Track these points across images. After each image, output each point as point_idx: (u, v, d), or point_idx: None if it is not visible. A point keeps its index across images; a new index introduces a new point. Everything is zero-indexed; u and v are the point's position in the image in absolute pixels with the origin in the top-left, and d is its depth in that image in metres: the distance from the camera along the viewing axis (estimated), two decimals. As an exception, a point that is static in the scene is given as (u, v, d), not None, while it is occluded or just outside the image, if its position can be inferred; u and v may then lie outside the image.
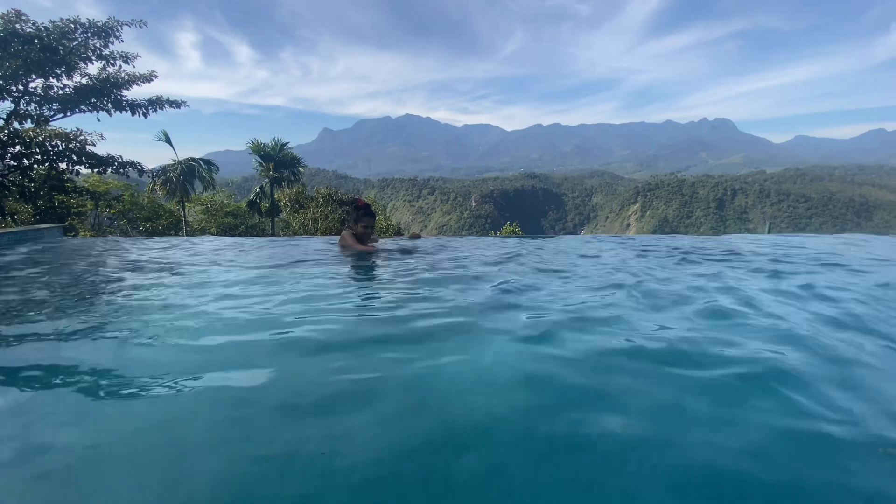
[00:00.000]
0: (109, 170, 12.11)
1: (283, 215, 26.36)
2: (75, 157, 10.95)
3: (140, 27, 12.07)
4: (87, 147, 11.13)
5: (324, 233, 23.25)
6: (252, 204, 24.70)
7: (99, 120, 12.48)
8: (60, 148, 10.68)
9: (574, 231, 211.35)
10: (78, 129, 10.92)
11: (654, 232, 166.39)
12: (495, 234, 28.56)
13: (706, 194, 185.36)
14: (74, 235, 14.95)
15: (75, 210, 13.91)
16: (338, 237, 5.14)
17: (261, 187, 24.51)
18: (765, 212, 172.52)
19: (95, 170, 11.94)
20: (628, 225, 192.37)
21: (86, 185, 14.40)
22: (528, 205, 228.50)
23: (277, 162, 23.89)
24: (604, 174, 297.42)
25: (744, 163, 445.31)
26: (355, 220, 4.24)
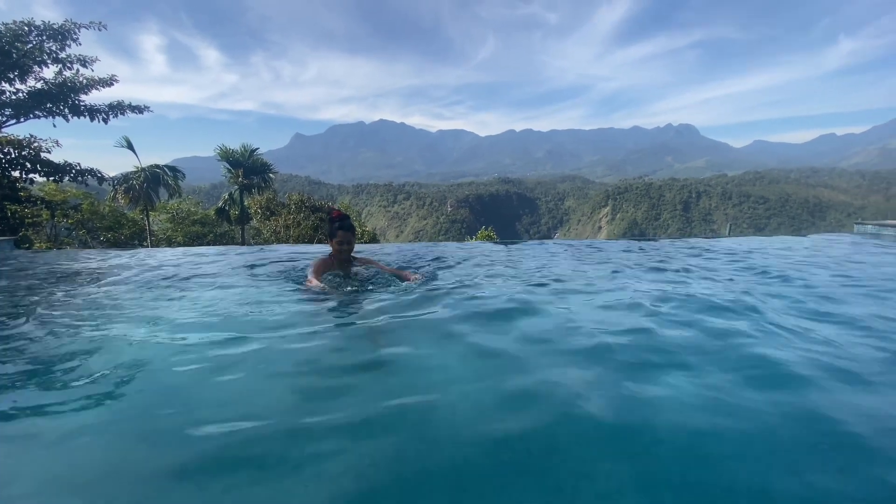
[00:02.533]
0: (66, 178, 11.63)
1: (254, 223, 25.77)
2: (29, 165, 10.49)
3: (99, 30, 11.67)
4: (42, 154, 10.68)
5: (296, 240, 22.85)
6: (221, 211, 24.05)
7: (55, 126, 11.97)
8: (13, 155, 10.21)
9: (548, 234, 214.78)
10: (32, 136, 10.48)
11: (625, 234, 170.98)
12: (471, 238, 28.79)
13: (672, 197, 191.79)
14: (28, 248, 14.22)
15: (30, 221, 13.24)
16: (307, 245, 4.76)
17: (230, 194, 23.90)
18: (727, 213, 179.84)
19: (51, 178, 11.44)
20: (600, 227, 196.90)
21: (41, 195, 13.75)
22: (503, 209, 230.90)
23: (247, 168, 23.38)
24: (575, 178, 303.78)
25: (707, 166, 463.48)
26: (329, 236, 3.36)
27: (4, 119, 11.51)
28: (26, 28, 10.72)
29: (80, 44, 11.61)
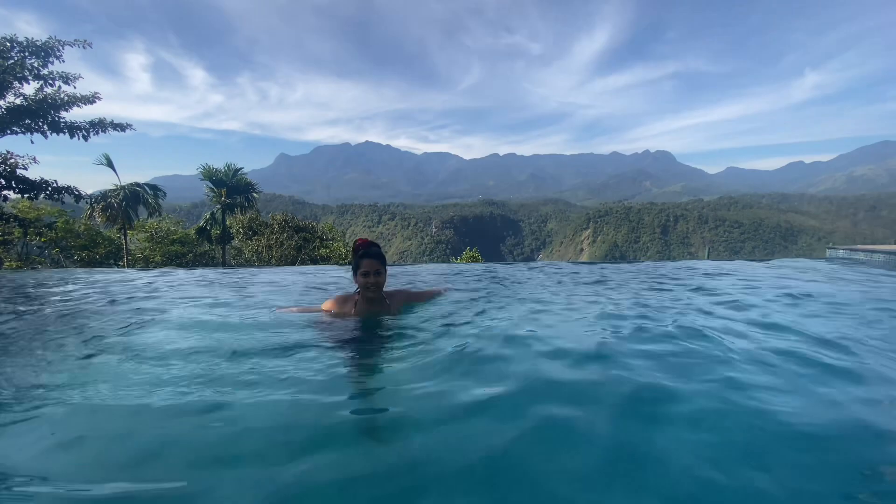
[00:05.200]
0: (42, 195, 11.31)
1: (236, 242, 25.36)
2: (3, 182, 10.20)
3: (84, 47, 11.59)
4: (18, 171, 10.39)
5: (278, 261, 22.55)
6: (202, 231, 23.60)
7: (33, 142, 11.67)
8: (-13, 172, 9.89)
9: (532, 256, 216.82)
10: (8, 152, 10.21)
11: (606, 256, 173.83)
12: (456, 259, 28.83)
13: (651, 220, 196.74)
14: (-3, 266, 13.72)
15: (0, 239, 12.77)
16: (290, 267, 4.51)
17: (212, 213, 23.53)
18: (704, 236, 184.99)
19: (26, 195, 11.11)
20: (581, 250, 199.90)
21: (14, 212, 13.32)
22: (488, 230, 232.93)
23: (231, 188, 23.11)
24: (557, 202, 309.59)
25: (683, 191, 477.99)
26: (353, 270, 2.73)
27: (-21, 135, 11.22)
28: (8, 44, 10.57)
29: (63, 61, 11.46)
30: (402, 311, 2.85)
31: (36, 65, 11.08)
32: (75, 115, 12.14)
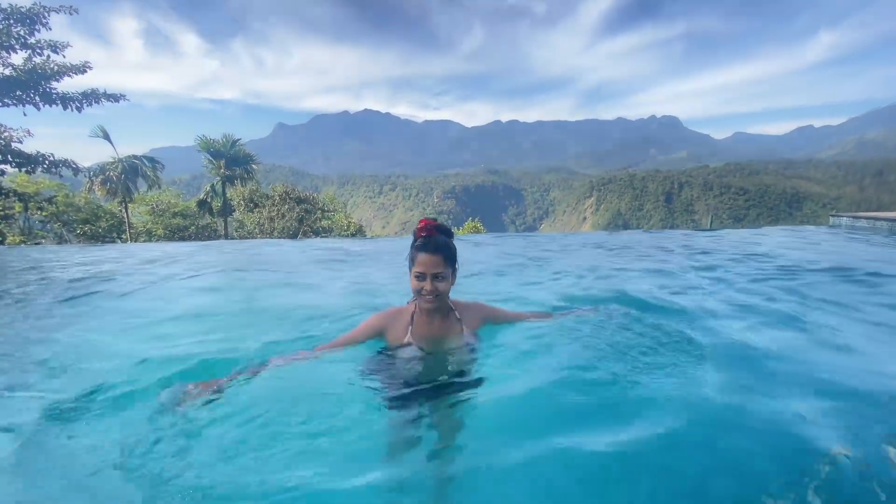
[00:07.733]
0: (39, 169, 11.24)
1: (237, 215, 25.32)
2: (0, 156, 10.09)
3: (70, 13, 11.22)
4: (13, 144, 10.28)
5: (280, 233, 22.57)
6: (202, 203, 23.54)
7: (25, 114, 11.48)
8: (-19, 146, 9.79)
9: (534, 226, 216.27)
10: (2, 125, 10.05)
11: (609, 224, 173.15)
12: (458, 230, 28.78)
13: (655, 188, 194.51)
14: (1, 242, 13.82)
15: (1, 214, 12.79)
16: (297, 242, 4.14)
17: (212, 186, 23.40)
18: (709, 203, 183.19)
19: (23, 169, 11.04)
20: (584, 218, 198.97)
21: (12, 186, 13.26)
22: (490, 200, 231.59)
23: (229, 159, 22.88)
24: (560, 170, 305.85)
25: (689, 158, 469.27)
26: (409, 267, 1.80)
27: (-29, 107, 11.03)
28: (-9, 11, 10.25)
29: (49, 28, 11.13)
30: (479, 336, 1.94)
31: (22, 33, 10.77)
32: (67, 85, 11.89)
